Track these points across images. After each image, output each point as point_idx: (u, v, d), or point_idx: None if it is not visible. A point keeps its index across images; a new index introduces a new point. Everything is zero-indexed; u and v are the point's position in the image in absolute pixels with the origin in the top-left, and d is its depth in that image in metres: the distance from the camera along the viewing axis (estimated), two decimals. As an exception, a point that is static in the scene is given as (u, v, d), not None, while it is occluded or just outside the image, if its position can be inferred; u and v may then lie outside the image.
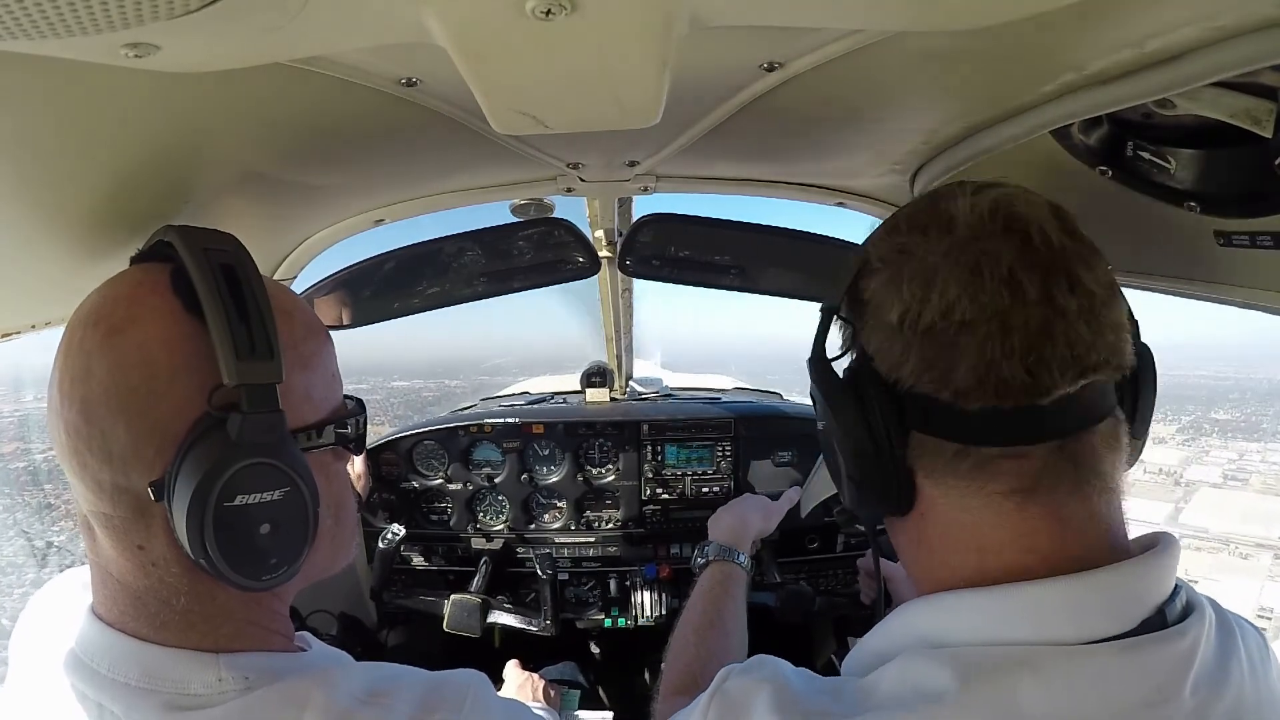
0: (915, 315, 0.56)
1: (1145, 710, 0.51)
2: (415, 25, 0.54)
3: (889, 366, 0.58)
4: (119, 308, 0.58)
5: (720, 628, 1.08)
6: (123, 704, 0.57)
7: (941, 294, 0.54)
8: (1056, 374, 0.53)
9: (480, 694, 0.65)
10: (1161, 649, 0.53)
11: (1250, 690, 0.56)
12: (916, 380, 0.57)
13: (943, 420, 0.56)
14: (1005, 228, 0.55)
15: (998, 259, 0.54)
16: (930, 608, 0.60)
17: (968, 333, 0.54)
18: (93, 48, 0.47)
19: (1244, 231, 0.76)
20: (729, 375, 2.97)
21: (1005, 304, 0.53)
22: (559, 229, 1.54)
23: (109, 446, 0.55)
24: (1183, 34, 0.58)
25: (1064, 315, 0.53)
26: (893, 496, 0.60)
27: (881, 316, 0.59)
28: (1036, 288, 0.53)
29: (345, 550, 0.73)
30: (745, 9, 0.58)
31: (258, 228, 1.24)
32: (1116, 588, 0.54)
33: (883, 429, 0.58)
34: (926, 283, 0.55)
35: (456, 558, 2.01)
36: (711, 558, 1.22)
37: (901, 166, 1.20)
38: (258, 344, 0.57)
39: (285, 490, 0.58)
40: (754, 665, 0.65)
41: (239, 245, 0.62)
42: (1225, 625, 0.59)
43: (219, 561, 0.55)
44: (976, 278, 0.54)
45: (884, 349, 0.59)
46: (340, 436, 0.68)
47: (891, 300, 0.57)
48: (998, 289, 0.53)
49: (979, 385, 0.54)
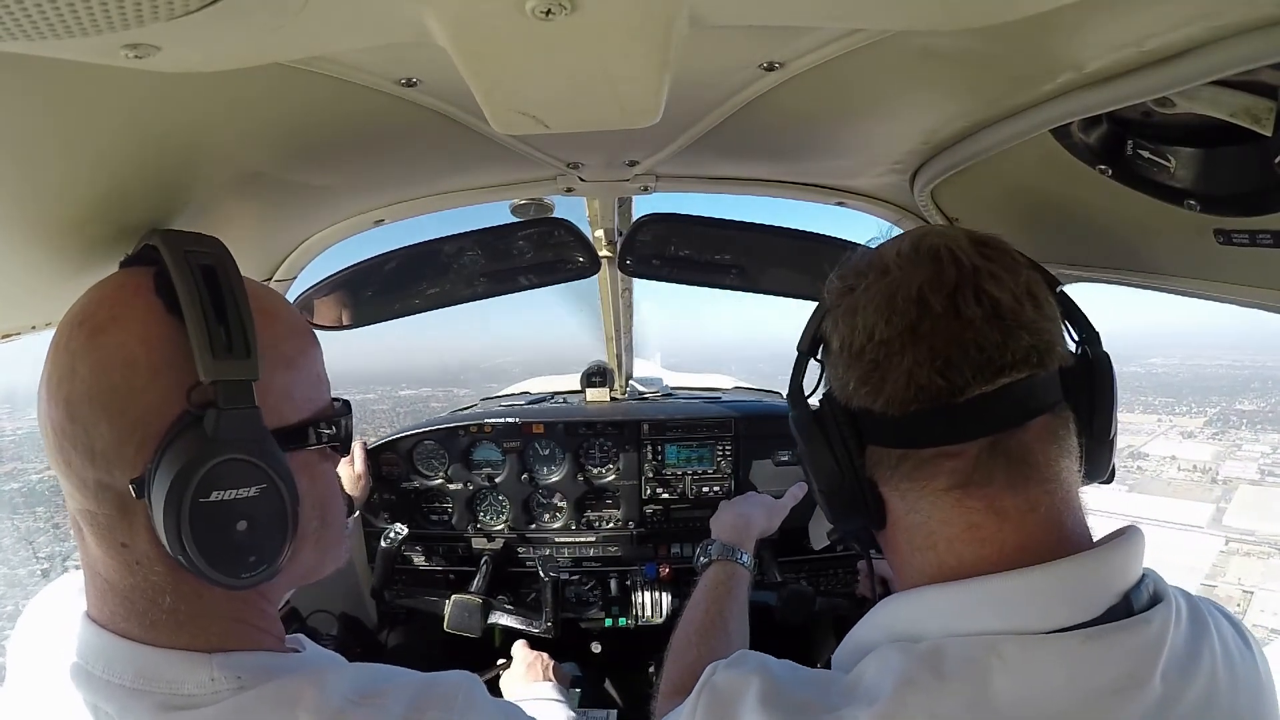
0: (848, 342, 0.65)
1: (1114, 696, 0.53)
2: (415, 25, 0.54)
3: (840, 390, 0.67)
4: (102, 309, 0.59)
5: (722, 628, 1.08)
6: (117, 705, 0.57)
7: (864, 320, 0.63)
8: (969, 375, 0.59)
9: (472, 694, 0.66)
10: (1128, 636, 0.55)
11: (1225, 677, 0.58)
12: (859, 397, 0.65)
13: (883, 429, 0.64)
14: (925, 257, 0.63)
15: (909, 284, 0.62)
16: (903, 603, 0.65)
17: (887, 349, 0.62)
18: (93, 48, 0.47)
19: (1244, 230, 0.76)
20: (729, 375, 2.97)
21: (913, 319, 0.61)
22: (559, 229, 1.54)
23: (92, 444, 0.56)
24: (1182, 32, 0.58)
25: (971, 323, 0.59)
26: (864, 508, 0.67)
27: (830, 349, 0.69)
28: (941, 302, 0.60)
29: (333, 552, 0.73)
30: (745, 9, 0.59)
31: (258, 228, 1.24)
32: (1078, 577, 0.57)
33: (842, 445, 0.66)
34: (853, 314, 0.65)
35: (457, 558, 2.01)
36: (714, 557, 1.22)
37: (901, 166, 1.20)
38: (234, 342, 0.58)
39: (262, 487, 0.58)
40: (739, 660, 0.67)
41: (222, 248, 0.64)
42: (1197, 614, 0.62)
43: (196, 558, 0.55)
44: (890, 302, 0.62)
45: (834, 376, 0.68)
46: (323, 437, 0.68)
47: (834, 333, 0.67)
48: (907, 308, 0.61)
49: (903, 393, 0.61)
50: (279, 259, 1.42)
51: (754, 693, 0.60)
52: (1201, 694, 0.56)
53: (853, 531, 0.74)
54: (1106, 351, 0.67)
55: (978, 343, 0.59)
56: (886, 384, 0.62)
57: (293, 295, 1.53)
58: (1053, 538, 0.59)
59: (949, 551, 0.62)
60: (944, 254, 0.62)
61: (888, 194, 1.42)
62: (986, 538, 0.60)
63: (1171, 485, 41.02)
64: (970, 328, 0.59)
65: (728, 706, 0.61)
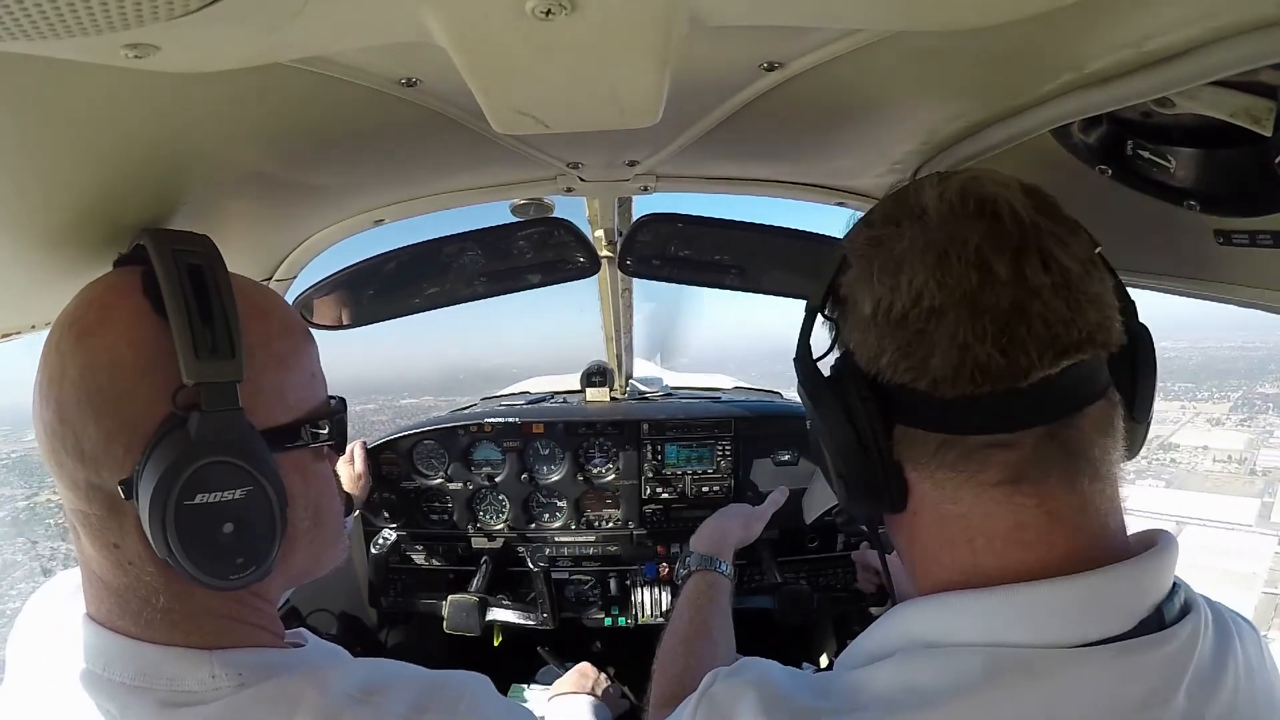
0: (887, 305, 0.55)
1: (1140, 712, 0.51)
2: (415, 25, 0.54)
3: (868, 360, 0.58)
4: (91, 310, 0.59)
5: (707, 636, 1.08)
6: (118, 703, 0.57)
7: (910, 281, 0.54)
8: (1034, 354, 0.51)
9: (478, 695, 0.65)
10: (1158, 650, 0.52)
11: (1245, 690, 0.56)
12: (895, 372, 0.56)
13: (924, 411, 0.55)
14: (975, 211, 0.54)
15: (965, 241, 0.53)
16: (927, 608, 0.59)
17: (938, 318, 0.53)
18: (93, 48, 0.47)
19: (1244, 230, 0.76)
20: (729, 375, 2.97)
21: (973, 285, 0.52)
22: (559, 229, 1.53)
23: (82, 445, 0.56)
24: (1182, 33, 0.58)
25: (1038, 293, 0.52)
26: (883, 493, 0.60)
27: (858, 310, 0.58)
28: (1006, 266, 0.52)
29: (329, 552, 0.72)
30: (745, 9, 0.58)
31: (257, 227, 1.24)
32: (1115, 590, 0.53)
33: (866, 424, 0.57)
34: (896, 271, 0.55)
35: (457, 557, 2.01)
36: (693, 568, 1.22)
37: (901, 166, 1.20)
38: (219, 343, 0.58)
39: (247, 490, 0.58)
40: (740, 668, 0.64)
41: (211, 246, 0.63)
42: (1222, 623, 0.58)
43: (183, 560, 0.55)
44: (944, 261, 0.53)
45: (862, 343, 0.58)
46: (316, 436, 0.67)
47: (865, 293, 0.57)
48: (965, 271, 0.52)
49: (955, 372, 0.53)
50: (279, 259, 1.42)
51: (753, 701, 0.57)
52: (1224, 708, 0.53)
53: (863, 515, 0.67)
54: (1144, 323, 0.61)
55: (1044, 317, 0.51)
56: (933, 359, 0.53)
57: (292, 295, 1.53)
58: (1100, 543, 0.55)
59: (988, 551, 0.56)
60: (1003, 207, 0.53)
61: (888, 194, 1.41)
62: (1033, 540, 0.54)
63: (1209, 478, 38.93)
64: (1037, 298, 0.51)
65: (725, 717, 0.59)
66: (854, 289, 0.59)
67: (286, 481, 0.61)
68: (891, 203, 0.60)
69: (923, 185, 0.58)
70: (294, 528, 0.63)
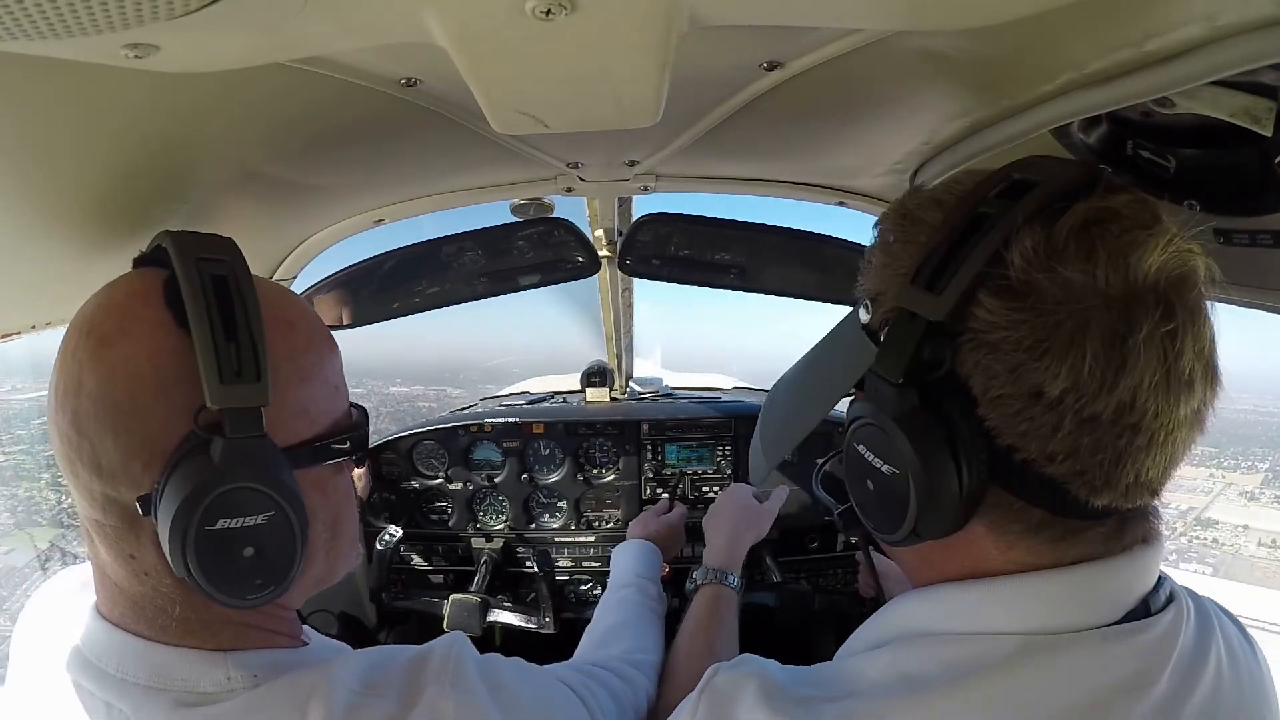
0: (1075, 400, 0.48)
1: (1124, 695, 0.52)
2: (415, 25, 0.54)
3: (1005, 428, 0.50)
4: (110, 318, 0.57)
5: (711, 656, 1.10)
6: (131, 702, 0.57)
7: (1121, 390, 0.47)
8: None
9: (460, 660, 0.65)
10: (1143, 635, 0.54)
11: (1229, 677, 0.58)
12: (1041, 457, 0.50)
13: (1044, 493, 0.52)
14: (1148, 294, 0.48)
15: (1183, 358, 0.47)
16: (920, 600, 0.62)
17: (1132, 436, 0.48)
18: (93, 48, 0.47)
19: (1244, 230, 0.76)
20: (729, 375, 2.97)
21: (1179, 416, 0.48)
22: (559, 228, 1.54)
23: (98, 459, 0.55)
24: (1182, 33, 0.58)
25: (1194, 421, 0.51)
26: (933, 533, 0.55)
27: (1016, 375, 0.49)
28: (1198, 396, 0.50)
29: (344, 560, 0.72)
30: (745, 9, 0.59)
31: (257, 227, 1.24)
32: (1106, 582, 0.55)
33: (973, 482, 0.52)
34: (1105, 368, 0.47)
35: (456, 558, 2.01)
36: (700, 582, 1.24)
37: (901, 166, 1.20)
38: (244, 366, 0.55)
39: (269, 515, 0.56)
40: (740, 662, 0.66)
41: (236, 254, 0.61)
42: (1204, 614, 0.61)
43: (202, 581, 0.54)
44: (1163, 382, 0.47)
45: (1009, 412, 0.50)
46: (339, 453, 0.66)
47: (1039, 365, 0.48)
48: (1179, 395, 0.48)
49: (1112, 486, 0.50)
50: (279, 258, 1.42)
51: (754, 690, 0.59)
52: (1207, 693, 0.55)
53: (855, 529, 0.69)
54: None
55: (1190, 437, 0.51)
56: (1102, 470, 0.49)
57: (293, 295, 1.53)
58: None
59: (983, 557, 0.58)
60: (1170, 296, 0.48)
61: (888, 194, 1.42)
62: (1046, 561, 0.56)
63: (1255, 567, 36.36)
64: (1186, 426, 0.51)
65: (728, 704, 0.61)
66: (1013, 340, 0.49)
67: (306, 498, 0.60)
68: (1095, 236, 0.49)
69: (1136, 239, 0.49)
70: (312, 543, 0.62)
